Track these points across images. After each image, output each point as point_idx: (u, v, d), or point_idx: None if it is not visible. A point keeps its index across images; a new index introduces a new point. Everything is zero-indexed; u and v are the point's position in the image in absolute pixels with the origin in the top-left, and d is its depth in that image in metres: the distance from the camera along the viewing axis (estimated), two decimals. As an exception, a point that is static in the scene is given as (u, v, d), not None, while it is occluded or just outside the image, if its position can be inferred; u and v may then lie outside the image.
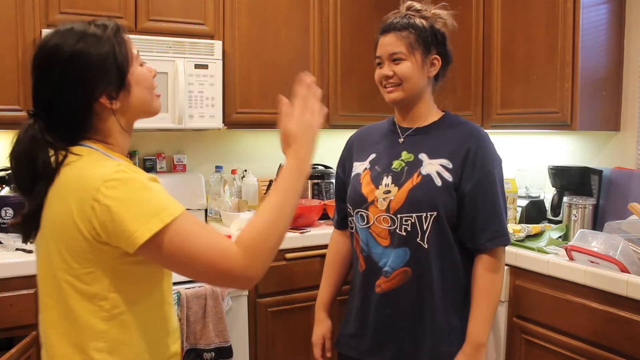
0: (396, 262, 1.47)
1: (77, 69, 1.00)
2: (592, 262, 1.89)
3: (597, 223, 2.33)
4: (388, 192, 1.48)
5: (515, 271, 2.16)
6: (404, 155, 1.52)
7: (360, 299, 1.56)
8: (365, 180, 1.55)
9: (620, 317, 1.77)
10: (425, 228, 1.45)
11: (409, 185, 1.46)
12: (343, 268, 1.72)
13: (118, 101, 1.04)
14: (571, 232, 2.30)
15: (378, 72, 1.53)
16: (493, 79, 2.60)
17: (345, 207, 1.63)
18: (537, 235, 2.31)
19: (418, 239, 1.45)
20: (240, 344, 2.30)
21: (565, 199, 2.39)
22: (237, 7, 2.60)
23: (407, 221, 1.45)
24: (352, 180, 1.60)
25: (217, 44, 2.53)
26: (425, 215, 1.44)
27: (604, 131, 2.47)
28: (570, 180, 2.46)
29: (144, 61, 1.13)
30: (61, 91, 1.01)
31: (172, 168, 2.84)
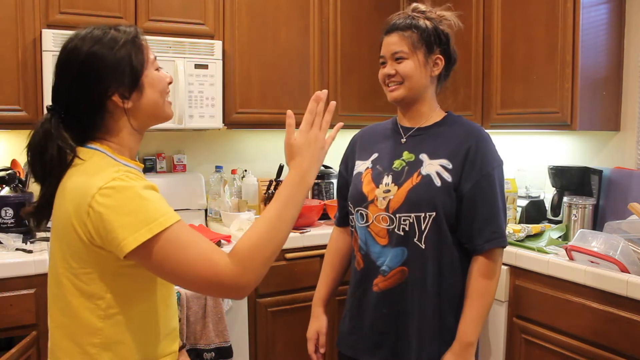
0: (393, 262, 1.48)
1: (92, 70, 1.05)
2: (592, 262, 1.89)
3: (597, 223, 2.33)
4: (388, 192, 1.49)
5: (515, 271, 2.16)
6: (405, 155, 1.53)
7: (357, 298, 1.57)
8: (366, 179, 1.55)
9: (620, 317, 1.77)
10: (423, 228, 1.45)
11: (409, 185, 1.47)
12: (342, 265, 1.73)
13: (130, 101, 1.08)
14: (571, 232, 2.30)
15: (381, 72, 1.55)
16: (493, 79, 2.60)
17: (346, 205, 1.64)
18: (537, 235, 2.31)
19: (415, 239, 1.46)
20: (240, 344, 2.31)
21: (565, 199, 2.39)
22: (237, 7, 2.60)
23: (406, 221, 1.46)
24: (354, 178, 1.60)
25: (217, 44, 2.53)
26: (423, 215, 1.44)
27: (604, 131, 2.47)
28: (570, 180, 2.46)
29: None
30: (76, 89, 1.06)
31: (172, 168, 2.84)
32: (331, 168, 3.02)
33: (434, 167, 1.47)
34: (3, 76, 2.18)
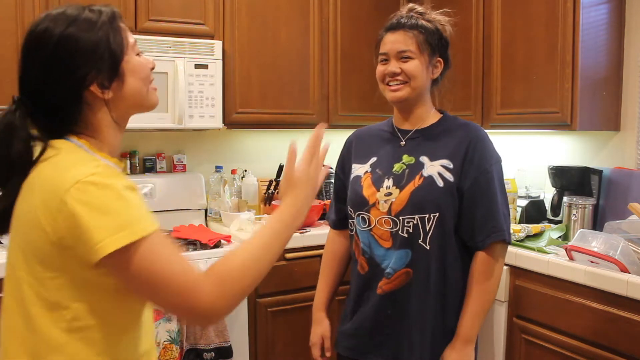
0: (398, 264, 1.48)
1: (66, 54, 0.93)
2: (592, 262, 1.89)
3: (597, 223, 2.33)
4: (389, 195, 1.48)
5: (515, 271, 2.16)
6: (405, 158, 1.52)
7: (359, 300, 1.56)
8: (366, 183, 1.55)
9: (620, 317, 1.77)
10: (427, 229, 1.45)
11: (411, 187, 1.47)
12: (340, 268, 1.72)
13: (110, 91, 0.96)
14: (571, 232, 2.30)
15: (381, 69, 1.52)
16: (493, 79, 2.60)
17: (344, 208, 1.63)
18: (537, 235, 2.30)
19: (420, 240, 1.46)
20: (240, 344, 2.30)
21: (565, 199, 2.39)
22: (237, 7, 2.60)
23: (409, 223, 1.46)
24: (352, 182, 1.59)
25: (217, 44, 2.53)
26: (428, 216, 1.44)
27: (604, 131, 2.46)
28: (570, 180, 2.46)
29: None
30: (48, 77, 0.94)
31: (172, 168, 2.84)
32: (331, 168, 3.02)
33: (436, 168, 1.47)
34: (3, 76, 2.17)
